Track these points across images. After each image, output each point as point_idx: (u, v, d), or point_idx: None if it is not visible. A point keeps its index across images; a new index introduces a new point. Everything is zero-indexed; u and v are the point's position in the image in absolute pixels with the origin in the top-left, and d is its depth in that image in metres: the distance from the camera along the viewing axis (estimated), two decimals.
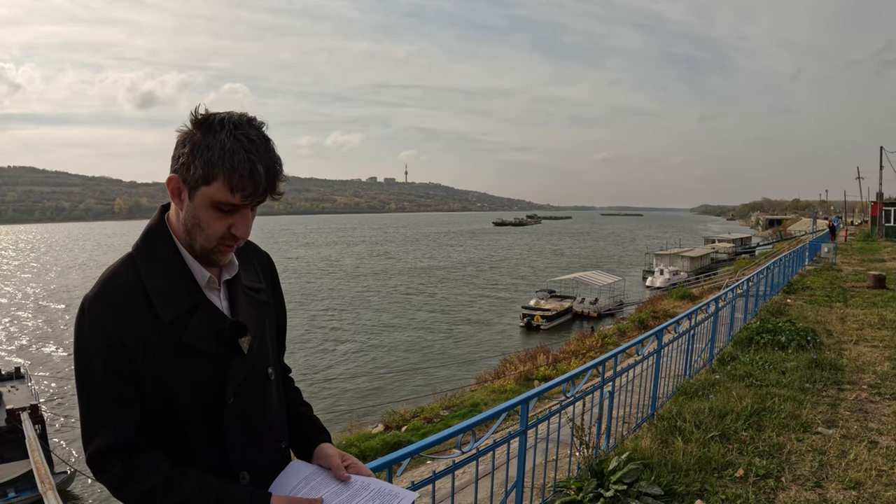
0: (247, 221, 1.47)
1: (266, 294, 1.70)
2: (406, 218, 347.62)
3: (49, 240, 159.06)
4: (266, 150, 1.42)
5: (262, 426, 1.59)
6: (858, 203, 71.73)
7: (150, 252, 1.49)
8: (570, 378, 4.44)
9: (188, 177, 1.41)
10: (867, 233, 41.30)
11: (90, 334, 1.40)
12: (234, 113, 1.43)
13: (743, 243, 79.69)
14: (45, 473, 14.73)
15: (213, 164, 1.37)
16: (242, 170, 1.37)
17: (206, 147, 1.38)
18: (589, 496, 4.11)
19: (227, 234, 1.46)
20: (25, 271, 77.52)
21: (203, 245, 1.47)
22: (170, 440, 1.45)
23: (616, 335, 25.56)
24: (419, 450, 2.99)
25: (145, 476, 1.38)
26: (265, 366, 1.62)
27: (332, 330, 37.38)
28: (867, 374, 7.25)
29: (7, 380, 21.58)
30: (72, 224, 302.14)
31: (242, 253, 1.64)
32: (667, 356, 6.30)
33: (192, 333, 1.45)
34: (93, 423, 1.42)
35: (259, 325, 1.61)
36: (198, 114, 1.41)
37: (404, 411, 18.25)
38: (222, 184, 1.38)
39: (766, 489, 4.35)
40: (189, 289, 1.48)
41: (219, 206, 1.42)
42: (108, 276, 1.46)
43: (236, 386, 1.50)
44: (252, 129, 1.42)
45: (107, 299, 1.42)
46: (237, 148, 1.37)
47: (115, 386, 1.40)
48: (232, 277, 1.59)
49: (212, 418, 1.48)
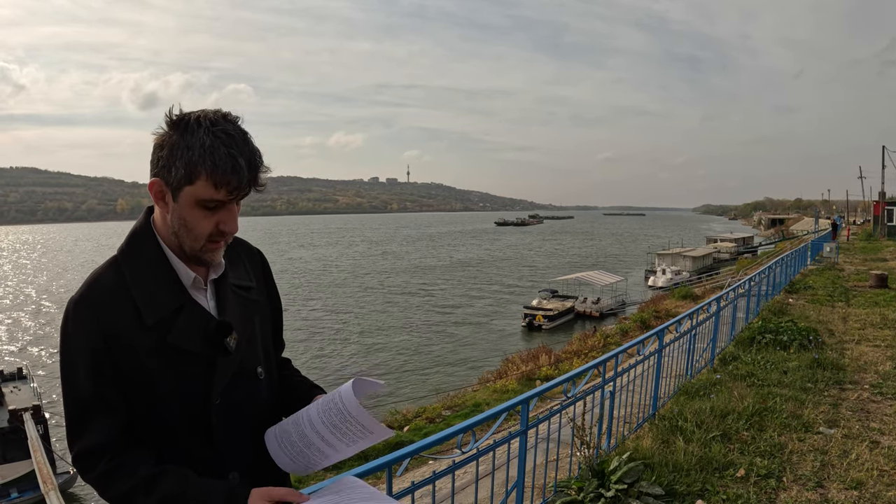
0: (234, 216, 1.47)
1: (256, 292, 1.68)
2: (408, 218, 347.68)
3: (50, 240, 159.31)
4: (245, 143, 1.42)
5: (252, 426, 1.59)
6: (861, 202, 71.63)
7: (135, 254, 1.49)
8: (571, 378, 4.43)
9: (170, 178, 1.41)
10: (869, 232, 41.22)
11: (75, 336, 1.42)
12: (208, 110, 1.42)
13: (745, 243, 79.55)
14: (48, 474, 14.77)
15: (195, 162, 1.37)
16: (225, 165, 1.37)
17: (185, 147, 1.37)
18: (590, 496, 4.11)
19: (216, 231, 1.46)
20: (27, 272, 77.67)
21: (192, 245, 1.47)
22: (159, 440, 1.46)
23: (618, 335, 25.52)
24: (419, 449, 2.98)
25: (127, 476, 1.39)
26: (254, 365, 1.62)
27: (334, 331, 37.40)
28: (869, 373, 7.24)
29: (9, 380, 21.62)
30: (74, 224, 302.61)
31: (231, 251, 1.62)
32: (668, 356, 6.28)
33: (178, 333, 1.45)
34: (77, 424, 1.43)
35: (247, 325, 1.60)
36: (172, 115, 1.41)
37: (406, 411, 18.23)
38: (206, 181, 1.38)
39: (768, 489, 4.34)
40: (174, 289, 1.48)
41: (204, 204, 1.42)
42: (93, 278, 1.47)
43: (223, 386, 1.50)
44: (229, 123, 1.41)
45: (91, 301, 1.43)
46: (217, 144, 1.37)
47: (100, 388, 1.41)
48: (219, 276, 1.58)
49: (199, 418, 1.48)
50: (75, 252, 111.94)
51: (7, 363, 26.81)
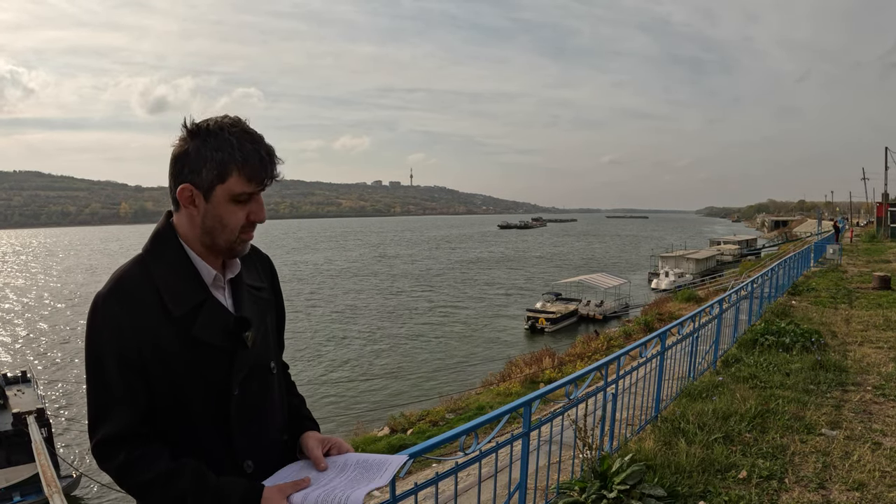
0: (262, 206, 1.60)
1: (267, 292, 1.79)
2: (411, 221, 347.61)
3: (54, 244, 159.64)
4: (262, 139, 1.56)
5: (266, 417, 1.68)
6: (864, 204, 71.42)
7: (159, 253, 1.58)
8: (573, 380, 4.45)
9: (201, 181, 1.52)
10: (872, 233, 41.08)
11: (102, 327, 1.49)
12: (219, 117, 1.56)
13: (748, 245, 79.35)
14: (51, 477, 14.79)
15: (226, 162, 1.50)
16: (253, 159, 1.52)
17: (213, 149, 1.50)
18: (592, 497, 4.12)
19: (247, 222, 1.58)
20: (30, 275, 77.86)
21: (228, 238, 1.58)
22: (177, 429, 1.53)
23: (621, 337, 25.53)
24: (422, 451, 3.00)
25: (146, 467, 1.46)
26: (268, 359, 1.72)
27: (337, 334, 37.43)
28: (872, 375, 7.23)
29: (13, 383, 21.66)
30: (77, 228, 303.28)
31: (245, 254, 1.71)
32: (671, 358, 6.29)
33: (201, 327, 1.54)
34: (100, 413, 1.49)
35: (261, 321, 1.70)
36: (191, 125, 1.54)
37: (410, 414, 18.26)
38: (238, 176, 1.52)
39: (770, 490, 4.35)
40: (197, 286, 1.58)
41: (237, 199, 1.54)
42: (120, 273, 1.55)
43: (241, 378, 1.59)
44: (244, 124, 1.55)
45: (119, 295, 1.50)
46: (243, 142, 1.51)
47: (124, 377, 1.48)
48: (235, 276, 1.68)
49: (218, 408, 1.56)
50: (81, 256, 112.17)
51: (11, 366, 26.89)
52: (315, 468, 1.63)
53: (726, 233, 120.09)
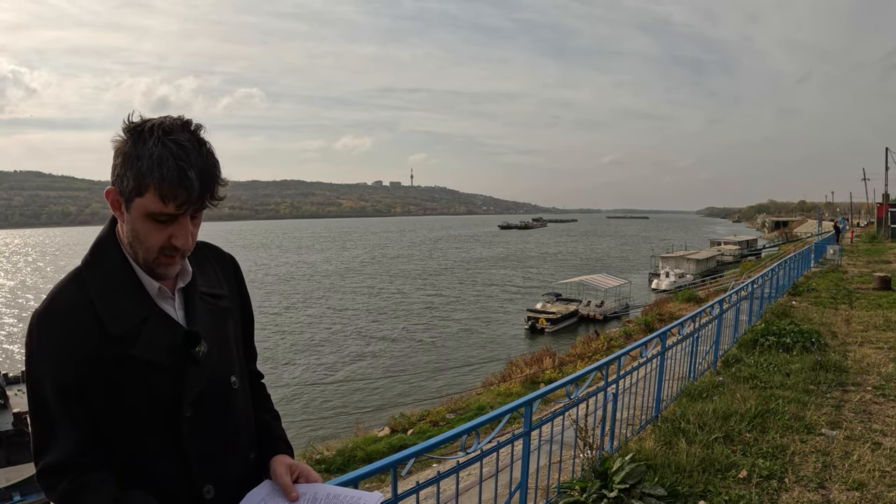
0: (186, 231, 1.40)
1: (228, 300, 1.64)
2: (411, 221, 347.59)
3: (53, 243, 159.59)
4: (199, 154, 1.35)
5: (226, 438, 1.55)
6: (864, 204, 71.40)
7: (98, 264, 1.45)
8: (574, 380, 4.46)
9: (123, 189, 1.36)
10: (873, 234, 41.09)
11: (38, 351, 1.38)
12: (168, 118, 1.38)
13: (749, 245, 79.36)
14: None
15: (143, 174, 1.31)
16: (172, 178, 1.30)
17: (135, 157, 1.32)
18: (592, 497, 4.13)
19: (168, 244, 1.40)
20: (30, 274, 77.86)
21: (145, 258, 1.42)
22: (129, 454, 1.42)
23: (622, 338, 25.54)
24: (423, 451, 3.01)
25: (89, 497, 1.35)
26: (227, 374, 1.57)
27: (337, 334, 37.43)
28: (871, 375, 7.24)
29: (14, 383, 21.72)
30: (78, 228, 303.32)
31: (201, 257, 1.60)
32: (671, 358, 6.30)
33: (144, 345, 1.40)
34: (41, 441, 1.40)
35: (219, 332, 1.56)
36: (130, 121, 1.37)
37: (410, 415, 18.27)
38: (154, 194, 1.32)
39: (770, 490, 4.36)
40: (139, 299, 1.44)
41: (154, 217, 1.36)
42: (56, 291, 1.43)
43: (193, 397, 1.46)
44: (184, 133, 1.35)
45: (52, 317, 1.38)
46: (166, 155, 1.30)
47: (64, 404, 1.37)
48: (187, 284, 1.53)
49: (170, 432, 1.44)
50: (83, 255, 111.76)
51: (12, 367, 26.90)
52: (283, 496, 1.52)
53: (727, 233, 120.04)
